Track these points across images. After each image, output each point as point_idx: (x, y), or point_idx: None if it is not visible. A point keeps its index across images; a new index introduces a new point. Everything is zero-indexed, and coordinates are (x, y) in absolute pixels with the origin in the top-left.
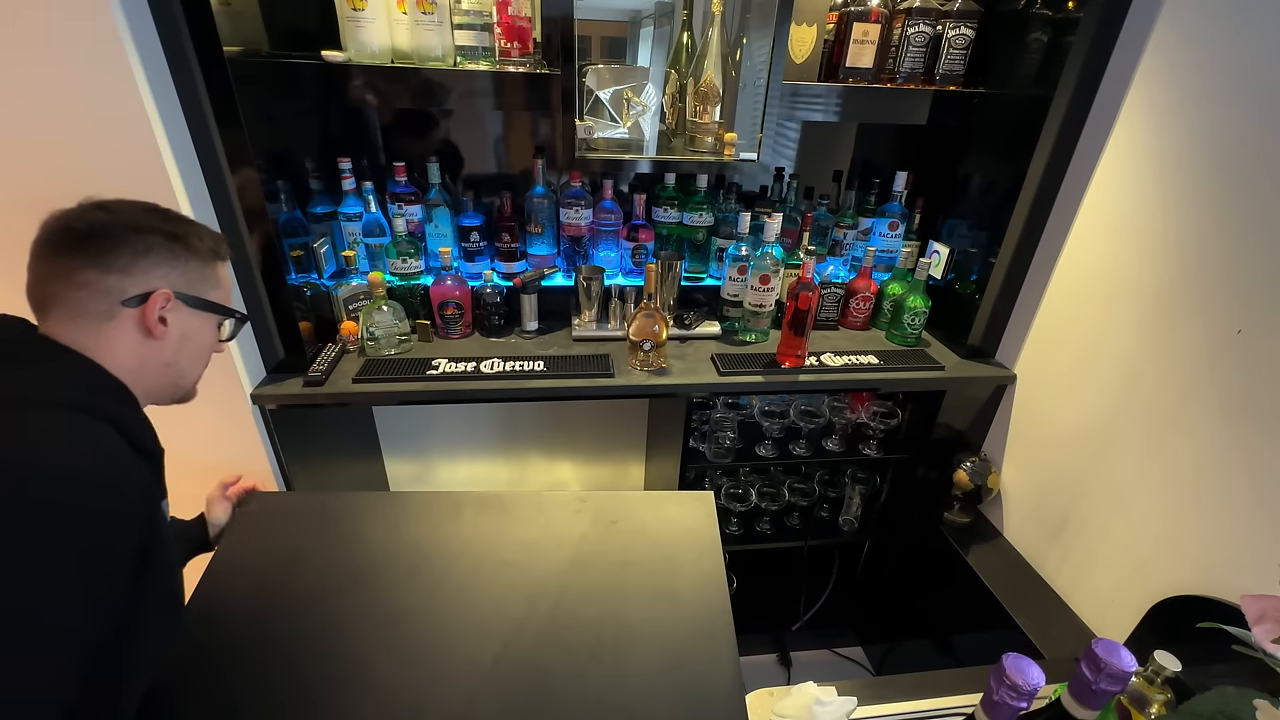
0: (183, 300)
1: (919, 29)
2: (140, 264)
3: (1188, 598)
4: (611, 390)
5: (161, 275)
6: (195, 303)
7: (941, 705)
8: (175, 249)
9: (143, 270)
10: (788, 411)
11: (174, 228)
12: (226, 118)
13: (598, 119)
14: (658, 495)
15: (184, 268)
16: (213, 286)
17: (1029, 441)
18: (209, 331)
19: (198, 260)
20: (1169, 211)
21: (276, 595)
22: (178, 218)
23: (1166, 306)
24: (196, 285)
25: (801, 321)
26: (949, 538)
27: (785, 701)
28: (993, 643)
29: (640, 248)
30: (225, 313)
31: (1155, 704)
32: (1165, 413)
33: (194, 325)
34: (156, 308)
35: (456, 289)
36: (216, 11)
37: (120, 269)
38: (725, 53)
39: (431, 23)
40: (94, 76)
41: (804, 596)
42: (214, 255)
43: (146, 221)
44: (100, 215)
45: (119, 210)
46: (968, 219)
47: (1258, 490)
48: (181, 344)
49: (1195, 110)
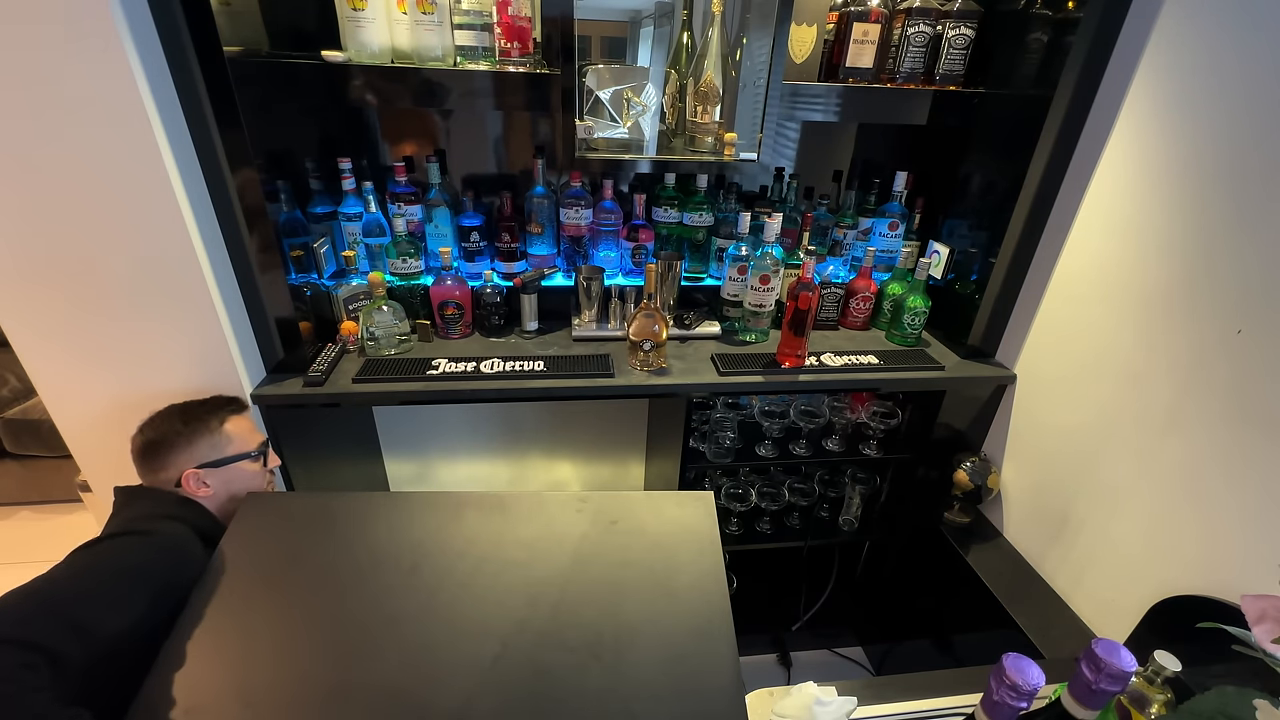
0: (209, 467)
1: (919, 29)
2: (170, 460)
3: (1188, 598)
4: (611, 390)
5: (186, 460)
6: (219, 463)
7: (941, 705)
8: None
9: (173, 464)
10: (788, 411)
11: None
12: (226, 118)
13: (598, 119)
14: (658, 495)
15: (201, 445)
16: (228, 444)
17: (1029, 441)
18: (247, 467)
19: (208, 434)
20: (1169, 211)
21: (276, 594)
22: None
23: (1167, 306)
24: (215, 451)
25: (801, 321)
26: (949, 538)
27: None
28: (993, 643)
29: (640, 248)
30: (243, 458)
31: (1155, 704)
32: (1165, 413)
33: (230, 473)
34: (190, 483)
35: (456, 289)
36: (216, 11)
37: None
38: (725, 53)
39: (431, 23)
40: (94, 76)
41: (804, 596)
42: (221, 421)
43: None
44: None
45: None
46: (968, 219)
47: (1258, 490)
48: (229, 486)
49: (1195, 110)
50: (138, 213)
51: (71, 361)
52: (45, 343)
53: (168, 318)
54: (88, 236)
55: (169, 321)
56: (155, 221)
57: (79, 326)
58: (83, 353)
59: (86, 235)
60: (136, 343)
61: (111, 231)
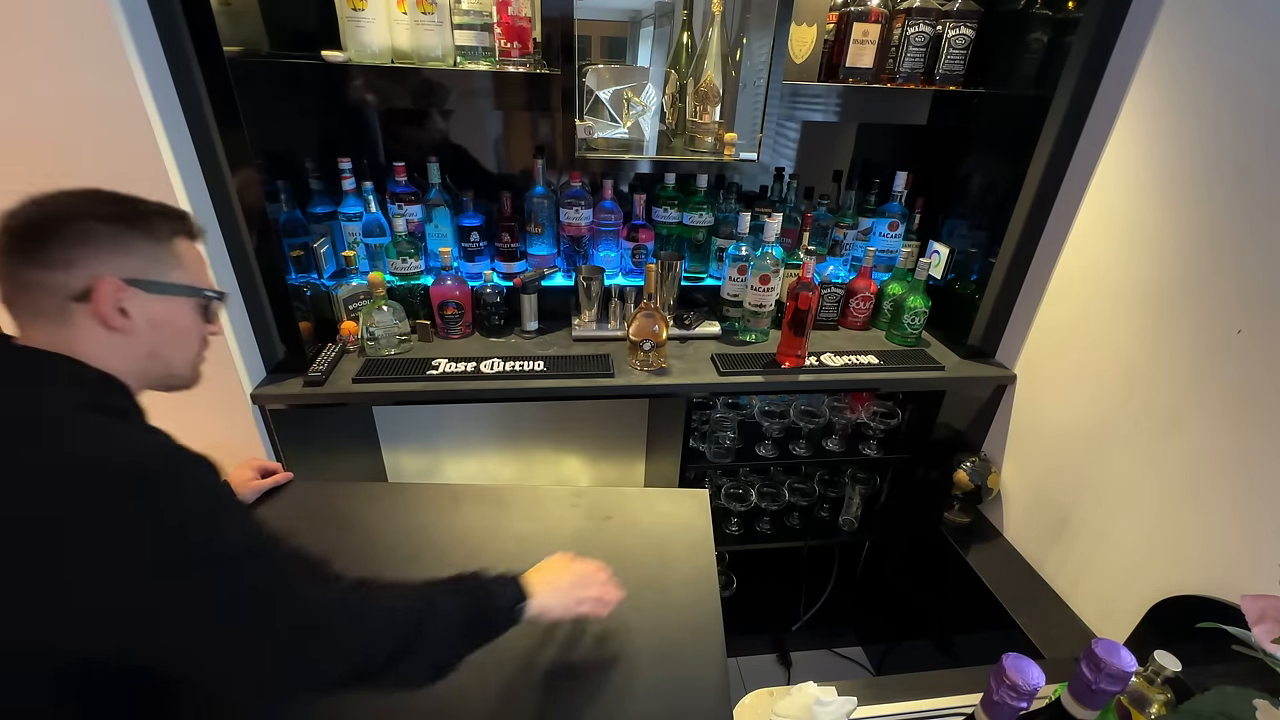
0: (139, 286)
1: (919, 29)
2: (80, 255)
3: (1188, 598)
4: (611, 390)
5: (105, 263)
6: (156, 287)
7: (941, 705)
8: (119, 232)
9: (84, 261)
10: (788, 411)
11: (117, 209)
12: (226, 118)
13: (598, 119)
14: (652, 491)
15: (135, 251)
16: (174, 267)
17: (1029, 441)
18: (186, 315)
19: (151, 241)
20: (1169, 211)
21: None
22: (125, 199)
23: (1166, 306)
24: (154, 269)
25: (801, 321)
26: (949, 538)
27: (785, 701)
28: (993, 643)
29: (640, 248)
30: (192, 293)
31: (1155, 704)
32: (1165, 412)
33: (164, 311)
34: (106, 299)
35: (456, 289)
36: (216, 11)
37: (62, 264)
38: (725, 53)
39: (431, 23)
40: (94, 76)
41: (804, 596)
42: (172, 233)
43: (85, 208)
44: (33, 209)
45: (56, 201)
46: (968, 219)
47: (1258, 490)
48: (155, 332)
49: (1195, 110)
50: None
51: None
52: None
53: None
54: None
55: None
56: None
57: None
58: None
59: None
60: None
61: None
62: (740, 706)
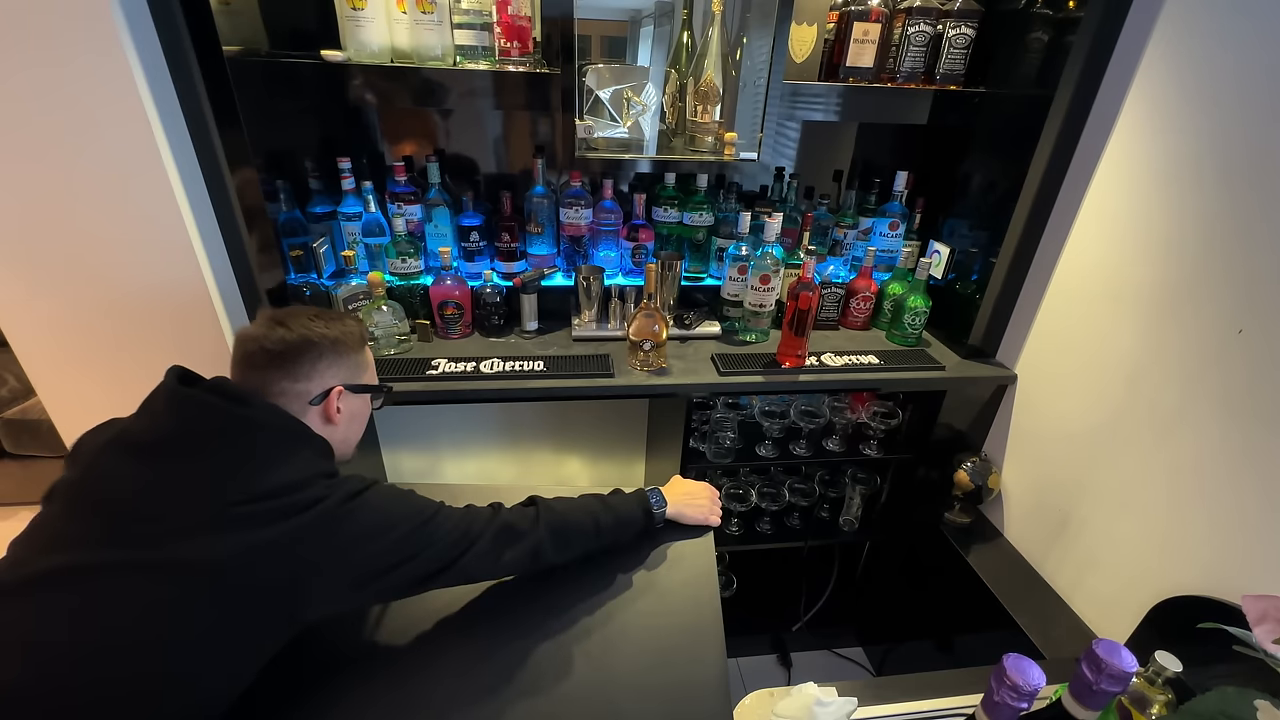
0: (350, 390)
1: (919, 28)
2: (319, 369)
3: (1189, 598)
4: (611, 390)
5: (334, 375)
6: (358, 389)
7: (942, 706)
8: (339, 349)
9: (321, 374)
10: (788, 411)
11: (334, 331)
12: (226, 118)
13: (598, 119)
14: None
15: (347, 363)
16: (365, 370)
17: (1030, 442)
18: (366, 407)
19: (354, 353)
20: (1170, 211)
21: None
22: (334, 318)
23: (1167, 306)
24: (357, 374)
25: (802, 321)
26: (949, 538)
27: (785, 702)
28: (993, 643)
29: (640, 247)
30: (379, 391)
31: (1156, 704)
32: (1166, 413)
33: (357, 406)
34: (334, 401)
35: (456, 289)
36: (216, 11)
37: (305, 377)
38: (725, 52)
39: (431, 22)
40: (94, 77)
41: (804, 597)
42: (362, 343)
43: (317, 331)
44: (282, 332)
45: (295, 325)
46: (968, 219)
47: (1259, 490)
48: (349, 422)
49: (1196, 110)
50: (137, 213)
51: (70, 362)
52: (44, 343)
53: (167, 318)
54: (87, 237)
55: (168, 321)
56: (155, 221)
57: (77, 326)
58: (81, 353)
59: (86, 236)
60: (136, 342)
61: (111, 232)
62: (740, 707)
